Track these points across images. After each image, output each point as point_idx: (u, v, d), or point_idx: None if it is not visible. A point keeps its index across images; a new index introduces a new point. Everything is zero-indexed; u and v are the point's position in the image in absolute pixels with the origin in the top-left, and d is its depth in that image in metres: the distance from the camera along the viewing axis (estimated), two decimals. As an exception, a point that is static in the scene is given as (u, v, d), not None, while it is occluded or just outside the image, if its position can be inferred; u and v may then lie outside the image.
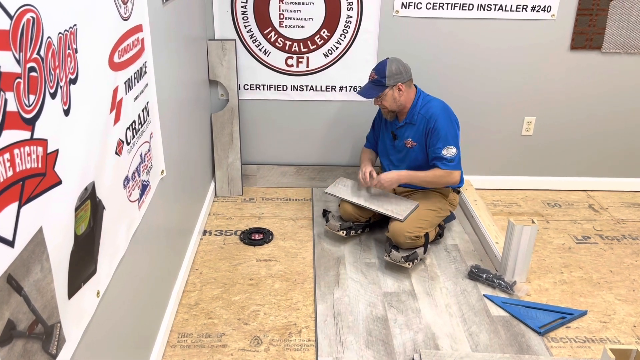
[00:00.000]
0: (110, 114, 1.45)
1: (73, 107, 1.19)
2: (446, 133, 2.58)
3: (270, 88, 3.19)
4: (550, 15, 3.04)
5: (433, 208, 2.68)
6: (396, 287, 2.49)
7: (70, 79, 1.19)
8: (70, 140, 1.19)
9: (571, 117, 3.31)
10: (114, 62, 1.48)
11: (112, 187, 1.49)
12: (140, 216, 1.77)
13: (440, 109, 2.63)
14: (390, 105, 2.64)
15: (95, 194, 1.35)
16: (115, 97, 1.50)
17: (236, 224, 3.00)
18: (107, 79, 1.43)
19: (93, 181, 1.34)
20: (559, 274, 2.63)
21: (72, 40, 1.20)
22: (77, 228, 1.24)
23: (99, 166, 1.38)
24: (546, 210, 3.25)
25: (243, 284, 2.49)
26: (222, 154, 3.22)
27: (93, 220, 1.35)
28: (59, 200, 1.14)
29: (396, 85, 2.59)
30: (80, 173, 1.25)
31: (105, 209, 1.43)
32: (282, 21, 3.02)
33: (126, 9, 1.58)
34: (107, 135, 1.43)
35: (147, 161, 1.84)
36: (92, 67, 1.32)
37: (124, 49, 1.57)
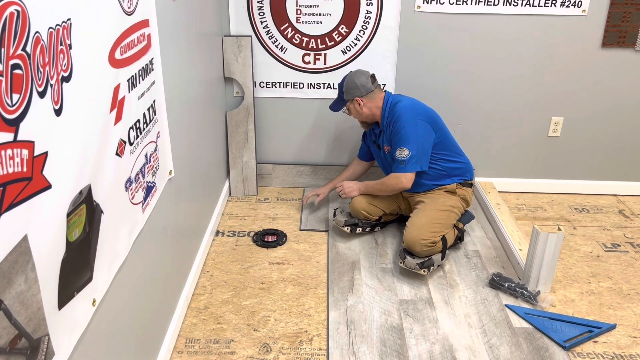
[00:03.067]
0: (110, 114, 1.38)
1: (66, 107, 1.12)
2: (404, 133, 2.51)
3: (287, 86, 3.11)
4: (580, 10, 2.89)
5: (444, 208, 2.57)
6: (413, 295, 2.39)
7: (63, 77, 1.12)
8: (63, 141, 1.12)
9: (601, 117, 3.16)
10: (115, 58, 1.41)
11: (112, 189, 1.43)
12: (145, 219, 1.70)
13: (403, 108, 2.56)
14: (357, 117, 2.70)
15: (91, 197, 1.29)
16: (117, 95, 1.43)
17: (250, 224, 2.93)
18: (107, 76, 1.36)
19: (89, 184, 1.27)
20: (586, 284, 2.50)
21: (66, 36, 1.13)
22: (69, 234, 1.18)
23: (97, 168, 1.31)
24: (573, 215, 3.11)
25: (254, 287, 2.42)
26: (237, 153, 3.15)
27: (89, 225, 1.28)
28: (48, 206, 1.07)
29: (354, 99, 2.60)
30: (74, 176, 1.18)
31: (104, 213, 1.37)
32: (299, 17, 2.94)
33: (130, 3, 1.51)
34: (107, 135, 1.36)
35: (153, 162, 1.77)
36: (89, 64, 1.25)
37: (127, 44, 1.50)
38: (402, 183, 2.53)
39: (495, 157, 3.27)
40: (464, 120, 3.16)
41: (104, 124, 1.34)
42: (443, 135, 2.60)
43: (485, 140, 3.23)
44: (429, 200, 2.60)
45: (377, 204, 2.72)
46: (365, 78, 2.60)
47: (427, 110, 2.60)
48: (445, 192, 2.62)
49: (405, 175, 2.52)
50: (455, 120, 3.17)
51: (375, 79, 2.63)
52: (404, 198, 2.77)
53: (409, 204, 2.77)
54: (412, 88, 3.06)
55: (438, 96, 3.10)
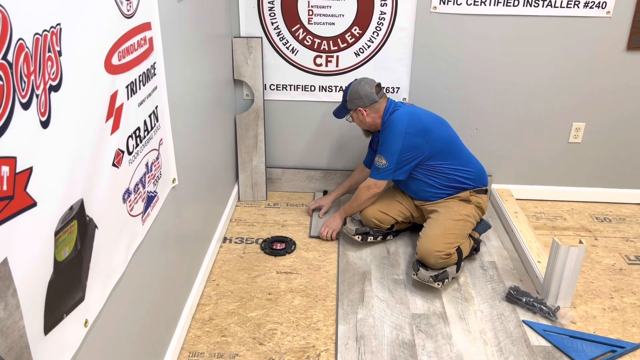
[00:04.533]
0: (105, 123, 1.31)
1: (54, 118, 1.05)
2: (388, 144, 2.47)
3: (298, 88, 3.02)
4: (605, 12, 2.77)
5: (458, 217, 2.46)
6: (426, 309, 2.29)
7: (51, 86, 1.05)
8: (50, 155, 1.04)
9: (625, 123, 3.03)
10: (111, 64, 1.33)
11: (108, 202, 1.35)
12: (145, 231, 1.63)
13: (396, 119, 2.48)
14: (360, 125, 2.67)
15: (84, 212, 1.21)
16: (114, 103, 1.35)
17: (258, 231, 2.85)
18: (102, 83, 1.29)
19: (81, 198, 1.19)
20: (608, 299, 2.38)
21: (55, 42, 1.06)
22: (57, 254, 1.10)
23: (90, 181, 1.23)
24: (594, 225, 2.98)
25: (261, 298, 2.34)
26: (246, 157, 3.08)
27: (81, 242, 1.21)
28: (33, 225, 1.00)
29: (357, 109, 2.55)
30: (63, 192, 1.11)
31: (98, 228, 1.29)
32: (311, 18, 2.85)
33: (129, 5, 1.44)
34: (102, 146, 1.29)
35: (154, 170, 1.70)
36: (82, 72, 1.17)
37: (125, 49, 1.42)
38: (371, 189, 2.56)
39: (513, 164, 3.16)
40: (480, 124, 3.05)
41: (98, 134, 1.26)
42: (444, 146, 2.49)
43: (502, 145, 3.11)
44: (442, 209, 2.49)
45: (389, 212, 2.63)
46: (370, 88, 2.51)
47: (424, 122, 2.48)
48: (459, 201, 2.51)
49: (376, 183, 2.54)
50: (472, 125, 3.06)
51: (380, 88, 2.54)
52: (417, 207, 2.67)
53: (422, 212, 2.67)
54: (426, 92, 2.96)
55: (454, 100, 2.99)
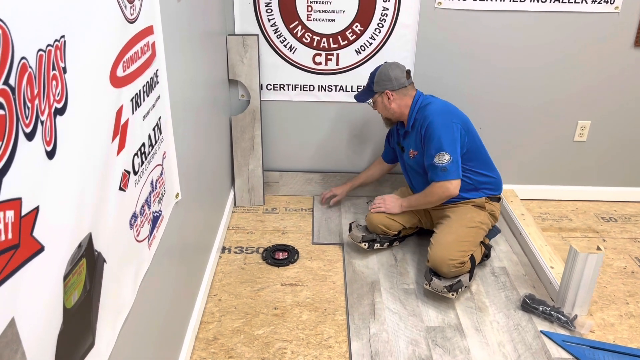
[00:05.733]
0: (112, 143, 1.16)
1: (60, 146, 0.91)
2: (439, 137, 2.28)
3: (296, 88, 2.88)
4: (613, 7, 2.69)
5: (472, 225, 2.37)
6: (440, 321, 2.20)
7: (57, 109, 0.90)
8: (57, 189, 0.90)
9: (631, 121, 2.97)
10: (117, 76, 1.18)
11: (116, 230, 1.21)
12: (151, 256, 1.49)
13: (436, 110, 2.34)
14: (382, 112, 2.49)
15: (92, 247, 1.07)
16: (119, 119, 1.21)
17: (258, 239, 2.72)
18: (108, 99, 1.14)
19: (89, 232, 1.05)
20: (624, 305, 2.32)
21: (60, 57, 0.91)
22: (66, 300, 0.96)
23: (98, 211, 1.09)
24: (600, 225, 2.92)
25: (267, 313, 2.21)
26: (243, 161, 2.93)
27: (90, 281, 1.07)
28: (40, 274, 0.86)
29: (384, 92, 2.40)
30: (72, 229, 0.97)
31: (107, 262, 1.15)
32: (310, 14, 2.71)
33: (133, 8, 1.29)
34: (108, 169, 1.15)
35: (159, 188, 1.56)
36: (88, 88, 1.03)
37: (130, 58, 1.27)
38: (448, 190, 2.30)
39: (517, 163, 3.08)
40: (485, 123, 2.96)
41: (105, 157, 1.12)
42: (474, 145, 2.39)
43: (506, 144, 3.03)
44: (455, 215, 2.39)
45: (397, 218, 2.52)
46: (400, 72, 2.39)
47: (461, 115, 2.39)
48: (473, 207, 2.42)
49: (451, 182, 2.29)
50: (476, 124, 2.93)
51: (410, 75, 2.42)
52: (426, 211, 2.56)
53: (430, 217, 2.57)
54: (430, 90, 2.84)
55: (459, 99, 2.87)
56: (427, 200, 2.40)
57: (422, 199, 2.42)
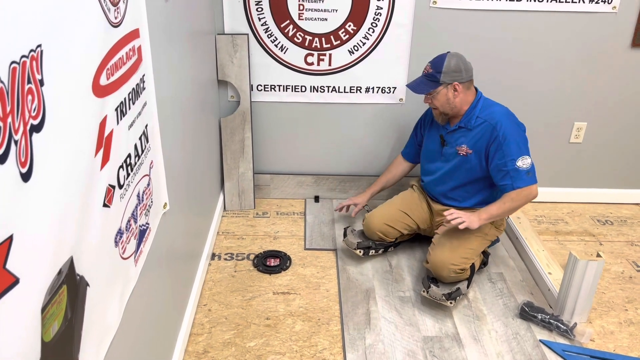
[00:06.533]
0: (95, 157, 1.08)
1: (37, 167, 0.83)
2: (517, 141, 2.18)
3: (287, 89, 2.80)
4: (611, 7, 2.64)
5: (479, 234, 2.31)
6: (437, 330, 2.14)
7: (33, 126, 0.82)
8: (33, 214, 0.82)
9: (628, 123, 2.93)
10: (100, 85, 1.10)
11: (99, 251, 1.13)
12: (138, 272, 1.41)
13: (505, 115, 2.25)
14: (442, 106, 2.26)
15: (73, 272, 0.99)
16: (103, 131, 1.13)
17: (249, 245, 2.64)
18: (91, 110, 1.06)
19: (71, 256, 0.97)
20: (623, 312, 2.28)
21: (35, 69, 0.83)
22: (45, 333, 0.88)
23: (80, 232, 1.01)
24: (597, 228, 2.89)
25: (259, 324, 2.14)
26: (232, 164, 2.85)
27: (71, 309, 0.99)
28: (15, 309, 0.78)
29: (452, 84, 2.20)
30: (51, 255, 0.89)
31: (90, 286, 1.07)
32: (302, 13, 2.63)
33: (117, 11, 1.20)
34: (92, 186, 1.06)
35: (146, 200, 1.48)
36: (68, 101, 0.94)
37: (114, 65, 1.19)
38: (533, 194, 2.17)
39: (512, 165, 3.03)
40: (480, 125, 2.90)
41: (88, 173, 1.04)
42: None
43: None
44: None
45: (396, 225, 2.45)
46: (469, 64, 2.25)
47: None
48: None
49: (536, 187, 2.18)
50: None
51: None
52: (432, 216, 2.49)
53: (431, 223, 2.49)
54: (425, 92, 2.79)
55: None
56: (512, 207, 2.19)
57: (505, 207, 2.19)
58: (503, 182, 2.19)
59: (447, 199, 2.42)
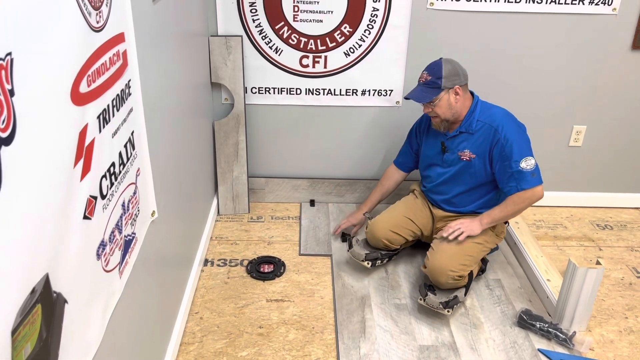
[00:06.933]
0: (74, 168, 1.04)
1: (5, 182, 0.78)
2: (520, 143, 2.15)
3: (282, 92, 2.76)
4: (611, 9, 2.59)
5: (479, 241, 2.26)
6: (433, 339, 2.10)
7: (1, 139, 0.78)
8: (3, 233, 0.78)
9: (628, 126, 2.89)
10: (79, 93, 1.05)
11: (80, 265, 1.09)
12: (122, 285, 1.37)
13: (505, 117, 2.22)
14: (444, 112, 2.20)
15: (49, 289, 0.95)
16: (83, 140, 1.08)
17: (242, 250, 2.60)
18: (69, 119, 1.01)
19: (46, 274, 0.93)
20: (623, 320, 2.24)
21: (5, 78, 0.78)
22: (17, 356, 0.84)
23: (57, 247, 0.97)
24: (596, 233, 2.84)
25: (251, 333, 2.10)
26: (226, 167, 2.81)
27: (46, 328, 0.94)
28: (-19, 334, 0.74)
29: (453, 88, 2.16)
30: (23, 274, 0.84)
31: (68, 302, 1.03)
32: (297, 14, 2.58)
33: (99, 15, 1.16)
34: (70, 198, 1.02)
35: (132, 209, 1.43)
36: (42, 111, 0.90)
37: (96, 71, 1.14)
38: (538, 195, 2.13)
39: (511, 169, 2.98)
40: (478, 129, 2.86)
41: (65, 185, 0.99)
42: None
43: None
44: None
45: (401, 232, 2.39)
46: (464, 68, 2.22)
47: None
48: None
49: (541, 187, 2.14)
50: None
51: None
52: (433, 221, 2.45)
53: (432, 228, 2.45)
54: (422, 94, 2.74)
55: (451, 103, 2.78)
56: (514, 211, 2.17)
57: (508, 211, 2.17)
58: (508, 185, 2.16)
59: (449, 204, 2.38)
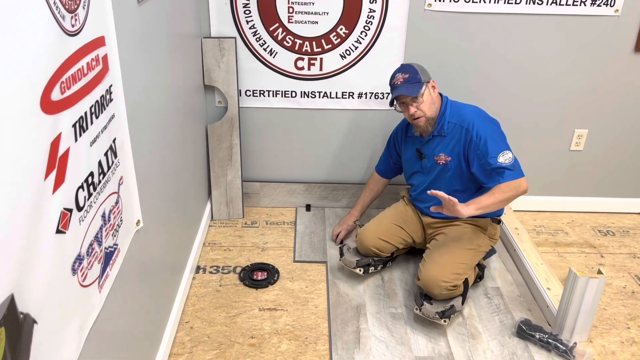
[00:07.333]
0: (45, 181, 0.98)
1: (-39, 200, 0.73)
2: (494, 138, 2.10)
3: (277, 94, 2.70)
4: (613, 10, 2.53)
5: (471, 247, 2.21)
6: (430, 350, 2.04)
7: (-45, 154, 0.72)
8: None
9: (630, 130, 2.83)
10: (51, 101, 1.00)
11: (52, 282, 1.03)
12: (102, 299, 1.31)
13: (476, 114, 2.18)
14: (429, 109, 2.17)
15: (15, 311, 0.89)
16: (56, 151, 1.03)
17: (235, 257, 2.54)
18: (39, 130, 0.96)
19: (11, 294, 0.87)
20: (625, 330, 2.18)
21: (-40, 88, 0.73)
22: (-25, 386, 0.78)
23: (25, 265, 0.91)
24: (598, 239, 2.78)
25: (243, 343, 2.04)
26: (220, 172, 2.75)
27: (11, 352, 0.89)
28: None
29: (430, 81, 2.19)
30: (-19, 297, 0.79)
31: (37, 323, 0.97)
32: (292, 16, 2.52)
33: (75, 19, 1.10)
34: (40, 213, 0.96)
35: (113, 219, 1.37)
36: (5, 124, 0.84)
37: (71, 77, 1.09)
38: (522, 187, 2.03)
39: (511, 173, 2.92)
40: (477, 132, 2.80)
41: (34, 200, 0.94)
42: None
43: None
44: (453, 234, 2.23)
45: (390, 240, 2.34)
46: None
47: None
48: (474, 227, 2.25)
49: (525, 180, 2.05)
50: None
51: None
52: (423, 228, 2.39)
53: (425, 235, 2.39)
54: (420, 97, 2.69)
55: (449, 106, 2.72)
56: (502, 199, 2.02)
57: (496, 198, 2.01)
58: (492, 181, 2.07)
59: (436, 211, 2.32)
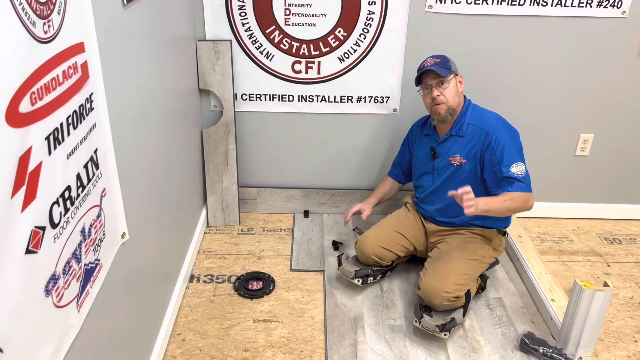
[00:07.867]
0: (12, 199, 0.92)
1: None
2: (512, 147, 2.05)
3: (274, 98, 2.63)
4: (620, 12, 2.45)
5: (475, 257, 2.14)
6: (429, 364, 1.97)
7: None
8: None
9: (637, 135, 2.75)
10: (19, 114, 0.94)
11: (20, 306, 0.97)
12: (82, 318, 1.25)
13: (498, 120, 2.13)
14: (452, 98, 2.12)
15: (-24, 341, 0.83)
16: (25, 166, 0.96)
17: (231, 265, 2.48)
18: (4, 145, 0.90)
19: (-30, 323, 0.81)
20: (632, 344, 2.10)
21: None
22: None
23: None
24: (604, 247, 2.70)
25: (235, 357, 1.98)
26: (216, 177, 2.69)
27: (-28, 386, 0.82)
28: None
29: (458, 75, 2.18)
30: None
31: (3, 351, 0.91)
32: (289, 18, 2.46)
33: (48, 25, 1.04)
34: (7, 233, 0.90)
35: (95, 234, 1.31)
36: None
37: (44, 87, 1.02)
38: (530, 202, 2.02)
39: (514, 179, 2.85)
40: (479, 137, 2.72)
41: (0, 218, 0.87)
42: None
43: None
44: (456, 243, 2.16)
45: (391, 247, 2.27)
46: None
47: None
48: (480, 238, 2.18)
49: (532, 195, 2.03)
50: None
51: None
52: (426, 236, 2.32)
53: (427, 243, 2.32)
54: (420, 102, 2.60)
55: (451, 111, 2.65)
56: (510, 207, 2.00)
57: (505, 205, 1.98)
58: (499, 190, 2.05)
59: (442, 215, 2.26)
